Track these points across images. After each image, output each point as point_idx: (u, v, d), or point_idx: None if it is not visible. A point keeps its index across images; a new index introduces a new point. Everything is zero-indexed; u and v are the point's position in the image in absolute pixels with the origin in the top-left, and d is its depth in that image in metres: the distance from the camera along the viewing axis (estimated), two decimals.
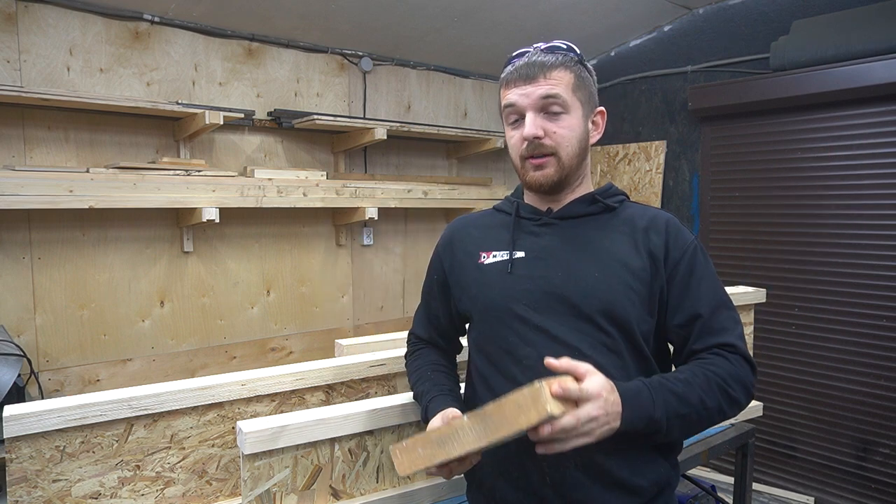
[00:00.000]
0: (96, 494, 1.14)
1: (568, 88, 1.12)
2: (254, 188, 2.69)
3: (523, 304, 1.12)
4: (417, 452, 0.98)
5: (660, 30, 3.61)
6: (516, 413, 0.89)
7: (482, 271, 1.19)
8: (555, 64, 1.12)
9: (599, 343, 1.08)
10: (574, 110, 1.13)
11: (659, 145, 3.66)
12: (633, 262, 1.11)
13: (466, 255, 1.23)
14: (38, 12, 2.40)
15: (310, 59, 3.17)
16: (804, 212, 3.04)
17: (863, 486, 2.89)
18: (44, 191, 2.20)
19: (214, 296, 2.90)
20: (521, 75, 1.12)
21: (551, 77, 1.11)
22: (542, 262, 1.14)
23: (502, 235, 1.21)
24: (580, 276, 1.11)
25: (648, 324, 1.11)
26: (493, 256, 1.19)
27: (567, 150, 1.12)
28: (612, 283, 1.09)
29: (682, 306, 1.11)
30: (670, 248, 1.13)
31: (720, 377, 1.04)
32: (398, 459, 1.00)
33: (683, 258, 1.12)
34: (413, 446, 0.99)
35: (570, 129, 1.12)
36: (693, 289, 1.12)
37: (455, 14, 3.06)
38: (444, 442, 0.96)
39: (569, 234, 1.16)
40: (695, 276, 1.12)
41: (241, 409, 1.27)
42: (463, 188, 3.51)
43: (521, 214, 1.21)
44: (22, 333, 2.41)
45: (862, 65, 2.73)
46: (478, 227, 1.27)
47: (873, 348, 2.84)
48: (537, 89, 1.10)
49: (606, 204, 1.17)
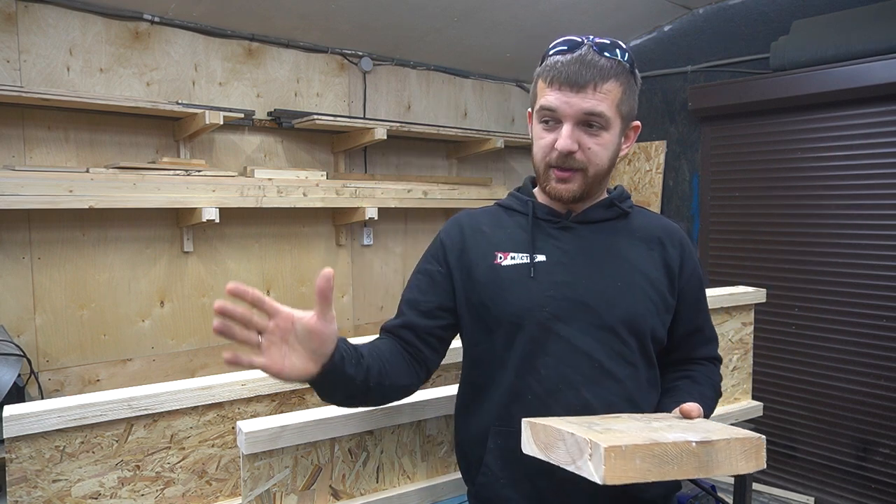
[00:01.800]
0: (96, 494, 1.14)
1: (613, 104, 1.05)
2: (254, 188, 2.69)
3: (547, 310, 1.07)
4: (635, 463, 0.83)
5: (660, 30, 3.61)
6: (739, 458, 0.88)
7: (498, 272, 1.12)
8: (608, 73, 1.03)
9: (618, 354, 1.08)
10: (613, 126, 1.07)
11: (659, 145, 3.66)
12: (651, 272, 1.13)
13: (479, 254, 1.14)
14: (38, 12, 2.40)
15: (310, 59, 3.17)
16: (804, 212, 3.04)
17: (863, 486, 2.89)
18: (44, 191, 2.20)
19: (214, 296, 2.90)
20: (568, 79, 1.03)
21: (601, 90, 1.03)
22: (565, 267, 1.10)
23: (519, 236, 1.14)
24: (604, 284, 1.09)
25: (660, 333, 1.14)
26: (511, 258, 1.12)
27: (596, 167, 1.08)
28: (635, 294, 1.10)
29: (689, 319, 1.19)
30: (685, 263, 1.17)
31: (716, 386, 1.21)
32: (610, 464, 0.83)
33: (694, 274, 1.19)
34: (632, 455, 0.83)
35: (604, 147, 1.07)
36: (699, 303, 1.21)
37: (455, 14, 3.06)
38: (666, 462, 0.84)
39: (590, 240, 1.13)
40: (701, 291, 1.21)
41: (241, 409, 1.27)
42: (463, 188, 3.51)
43: (538, 215, 1.16)
44: (22, 333, 2.41)
45: (862, 65, 2.73)
46: (489, 225, 1.18)
47: (873, 348, 2.84)
48: (583, 102, 1.03)
49: (622, 209, 1.17)
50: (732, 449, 0.87)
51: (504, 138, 3.58)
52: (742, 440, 0.88)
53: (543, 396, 1.07)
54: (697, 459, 0.85)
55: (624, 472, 0.82)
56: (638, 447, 0.83)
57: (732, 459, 0.87)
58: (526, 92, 4.13)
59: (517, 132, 4.00)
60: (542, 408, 1.07)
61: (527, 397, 1.09)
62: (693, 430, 0.91)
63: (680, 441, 0.85)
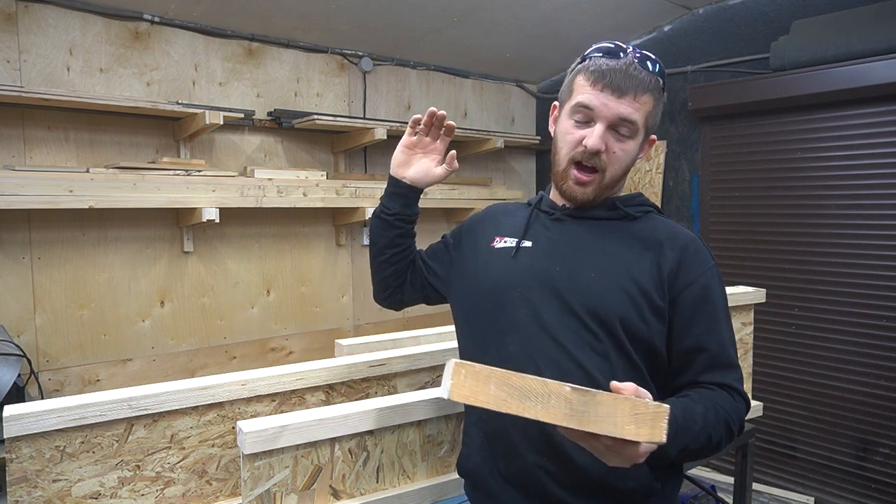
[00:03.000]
0: (96, 494, 1.14)
1: (644, 115, 1.10)
2: (254, 188, 2.69)
3: (519, 290, 1.13)
4: (489, 389, 0.82)
5: (660, 30, 3.61)
6: (628, 420, 0.81)
7: (490, 254, 1.22)
8: (647, 86, 1.09)
9: (585, 343, 1.08)
10: (639, 137, 1.12)
11: (659, 145, 3.66)
12: (636, 269, 1.09)
13: (483, 237, 1.26)
14: (38, 12, 2.40)
15: (310, 59, 3.17)
16: (804, 212, 3.04)
17: (863, 486, 2.89)
18: (44, 191, 2.20)
19: (214, 296, 2.90)
20: (611, 83, 1.07)
21: (639, 100, 1.08)
22: (546, 254, 1.15)
23: (519, 224, 1.23)
24: (576, 273, 1.11)
25: (642, 333, 1.07)
26: (504, 242, 1.21)
27: (615, 171, 1.12)
28: (607, 285, 1.08)
29: (690, 332, 1.09)
30: (682, 268, 1.09)
31: (728, 413, 1.04)
32: (457, 380, 0.83)
33: (696, 282, 1.09)
34: (486, 378, 0.83)
35: (627, 154, 1.12)
36: (703, 318, 1.09)
37: (455, 14, 3.06)
38: (527, 395, 0.82)
39: (578, 234, 1.16)
40: (707, 305, 1.09)
41: (241, 409, 1.27)
42: (463, 188, 3.51)
43: (541, 207, 1.23)
44: (22, 333, 2.41)
45: (862, 65, 2.73)
46: (505, 214, 1.30)
47: (873, 348, 2.83)
48: (621, 106, 1.08)
49: (626, 212, 1.16)
50: (619, 408, 0.81)
51: (504, 138, 3.58)
52: (634, 402, 0.81)
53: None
54: (570, 406, 0.81)
55: (473, 393, 0.83)
56: (494, 372, 0.83)
57: (617, 419, 0.81)
58: (526, 92, 4.13)
59: (517, 132, 4.00)
60: None
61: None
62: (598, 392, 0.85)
63: (550, 382, 0.82)
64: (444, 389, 0.84)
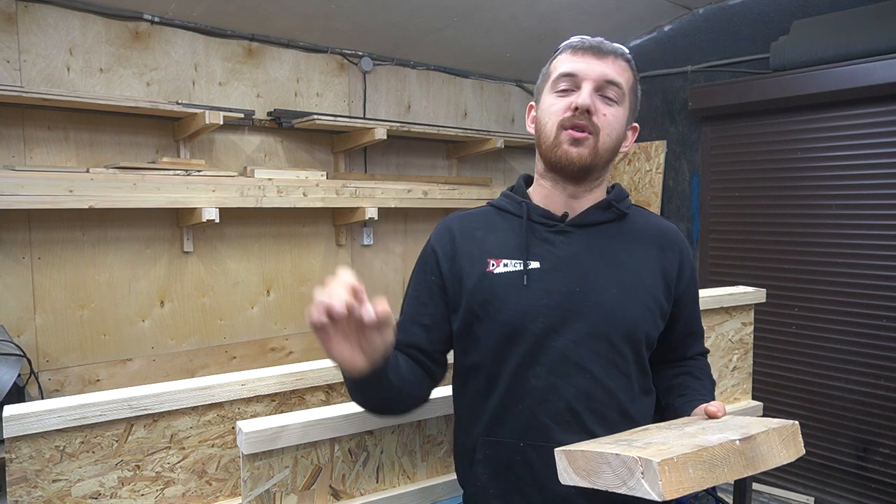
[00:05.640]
0: (96, 494, 1.14)
1: (628, 84, 1.11)
2: (254, 188, 2.69)
3: (540, 321, 1.05)
4: (688, 473, 0.80)
5: (660, 30, 3.61)
6: (780, 447, 0.86)
7: (492, 281, 1.08)
8: (624, 56, 1.11)
9: (612, 365, 1.06)
10: (624, 107, 1.10)
11: (659, 145, 3.66)
12: (648, 278, 1.10)
13: (471, 261, 1.11)
14: (38, 12, 2.40)
15: (310, 59, 3.17)
16: (804, 212, 3.04)
17: (863, 486, 2.89)
18: (44, 191, 2.20)
19: (214, 296, 2.90)
20: (590, 48, 1.09)
21: (618, 63, 1.09)
22: (560, 274, 1.07)
23: (512, 241, 1.10)
24: (600, 292, 1.06)
25: (654, 339, 1.12)
26: (504, 265, 1.08)
27: (607, 137, 1.07)
28: (631, 302, 1.07)
29: (686, 321, 1.21)
30: (683, 269, 1.16)
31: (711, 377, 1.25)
32: (666, 478, 0.77)
33: (692, 279, 1.19)
34: (683, 465, 0.79)
35: (616, 120, 1.08)
36: (694, 306, 1.23)
37: (455, 14, 3.06)
38: (716, 465, 0.82)
39: (586, 245, 1.09)
40: (695, 293, 1.22)
41: (241, 409, 1.27)
42: (463, 188, 3.51)
43: (533, 218, 1.12)
44: (22, 333, 2.41)
45: (862, 65, 2.73)
46: (481, 229, 1.15)
47: (873, 348, 2.83)
48: (605, 67, 1.07)
49: (620, 210, 1.14)
50: (772, 440, 0.86)
51: (504, 138, 3.58)
52: (779, 429, 0.87)
53: (533, 406, 1.05)
54: (744, 457, 0.84)
55: (680, 484, 0.79)
56: (688, 456, 0.80)
57: (774, 451, 0.86)
58: (526, 92, 4.13)
59: (517, 132, 4.00)
60: (530, 418, 1.05)
61: (516, 408, 1.07)
62: (729, 429, 0.89)
63: (724, 442, 0.83)
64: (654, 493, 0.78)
